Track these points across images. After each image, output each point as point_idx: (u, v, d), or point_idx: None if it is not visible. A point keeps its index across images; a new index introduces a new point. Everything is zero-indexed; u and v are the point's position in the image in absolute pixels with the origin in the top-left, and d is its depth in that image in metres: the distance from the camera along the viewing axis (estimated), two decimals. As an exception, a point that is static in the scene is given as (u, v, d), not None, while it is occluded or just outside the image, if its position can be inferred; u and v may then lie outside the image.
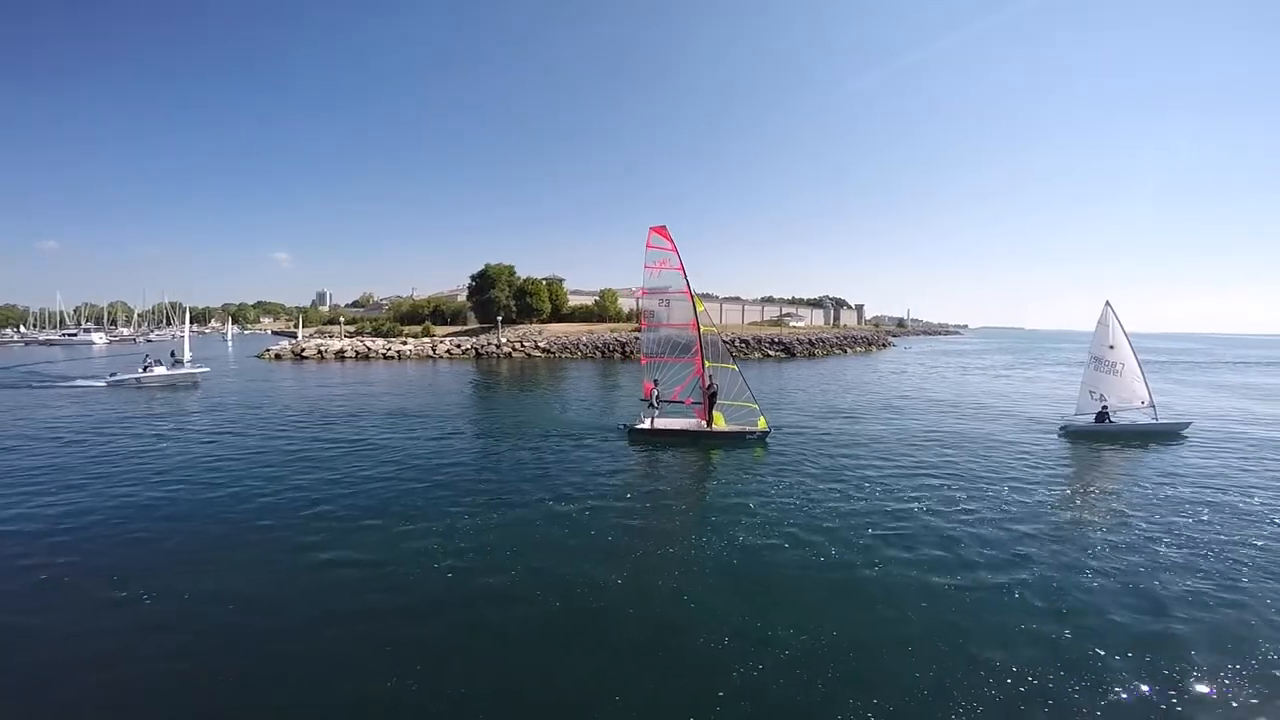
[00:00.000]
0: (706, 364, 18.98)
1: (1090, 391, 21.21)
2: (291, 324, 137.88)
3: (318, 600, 8.54)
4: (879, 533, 11.17)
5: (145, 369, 34.36)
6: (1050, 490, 14.10)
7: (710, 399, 18.83)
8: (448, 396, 30.80)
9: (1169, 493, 13.83)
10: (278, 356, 55.25)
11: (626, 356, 61.00)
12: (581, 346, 62.59)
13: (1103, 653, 7.30)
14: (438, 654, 7.23)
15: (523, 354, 59.92)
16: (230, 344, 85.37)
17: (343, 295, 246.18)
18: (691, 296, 19.09)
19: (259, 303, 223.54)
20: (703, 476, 15.46)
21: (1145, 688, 6.68)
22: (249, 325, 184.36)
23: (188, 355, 37.37)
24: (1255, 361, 69.16)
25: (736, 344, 64.79)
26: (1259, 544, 10.71)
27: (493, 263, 76.22)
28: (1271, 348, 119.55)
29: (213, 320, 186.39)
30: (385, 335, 71.87)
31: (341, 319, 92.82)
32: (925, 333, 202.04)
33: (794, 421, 22.63)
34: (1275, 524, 11.79)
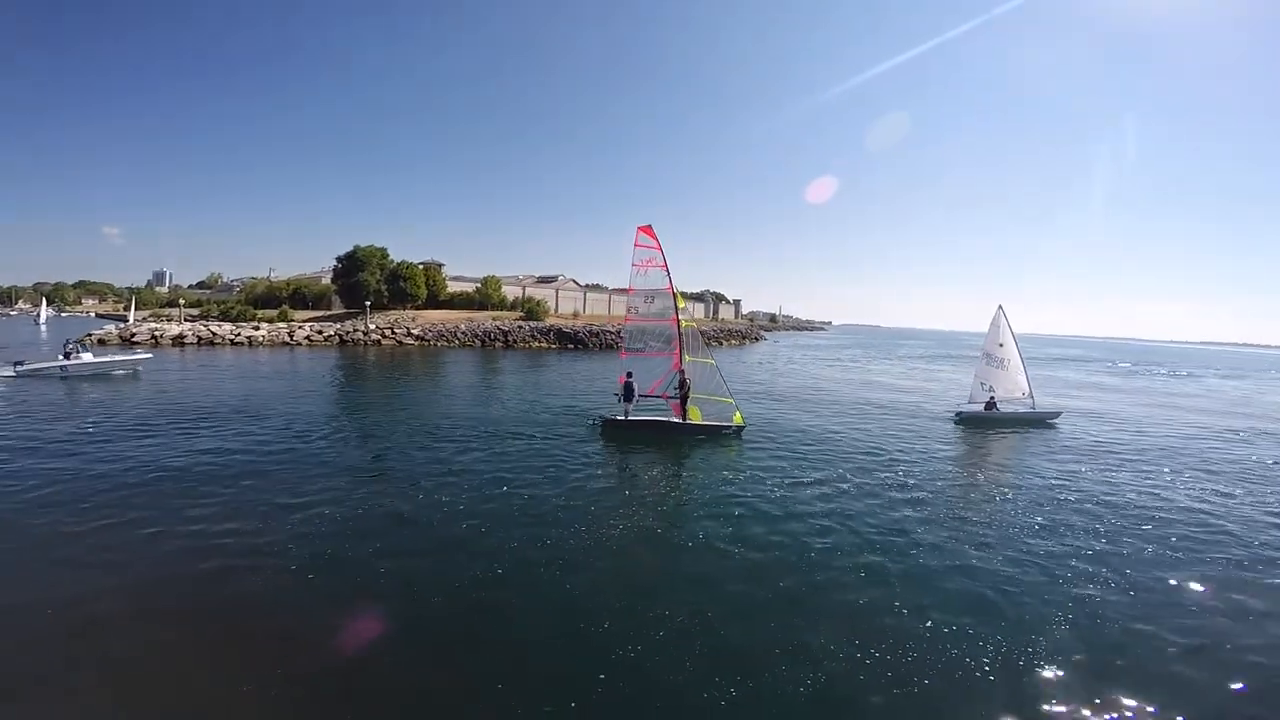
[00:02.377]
0: (686, 358, 18.93)
1: (981, 383, 23.97)
2: (122, 306, 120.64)
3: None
4: (780, 513, 11.70)
5: (68, 355, 28.92)
6: (948, 467, 16.19)
7: (684, 393, 18.79)
8: (315, 386, 28.16)
9: (1043, 468, 16.31)
10: (101, 342, 47.88)
11: (509, 345, 59.49)
12: (460, 334, 60.00)
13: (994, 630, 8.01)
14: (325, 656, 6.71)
15: (393, 341, 56.35)
16: (43, 327, 73.48)
17: (186, 275, 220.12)
18: (674, 293, 19.12)
19: (81, 282, 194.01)
20: (622, 466, 15.18)
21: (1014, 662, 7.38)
22: (68, 307, 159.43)
23: None
24: (1065, 359, 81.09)
25: (623, 334, 64.86)
26: (1112, 508, 12.93)
27: (363, 244, 71.02)
28: (1070, 346, 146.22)
29: (20, 300, 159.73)
30: (235, 319, 64.71)
31: (182, 301, 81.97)
32: (795, 328, 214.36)
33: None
34: (1117, 493, 14.15)
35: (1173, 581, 9.34)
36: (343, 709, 6.05)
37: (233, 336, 51.58)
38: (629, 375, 18.96)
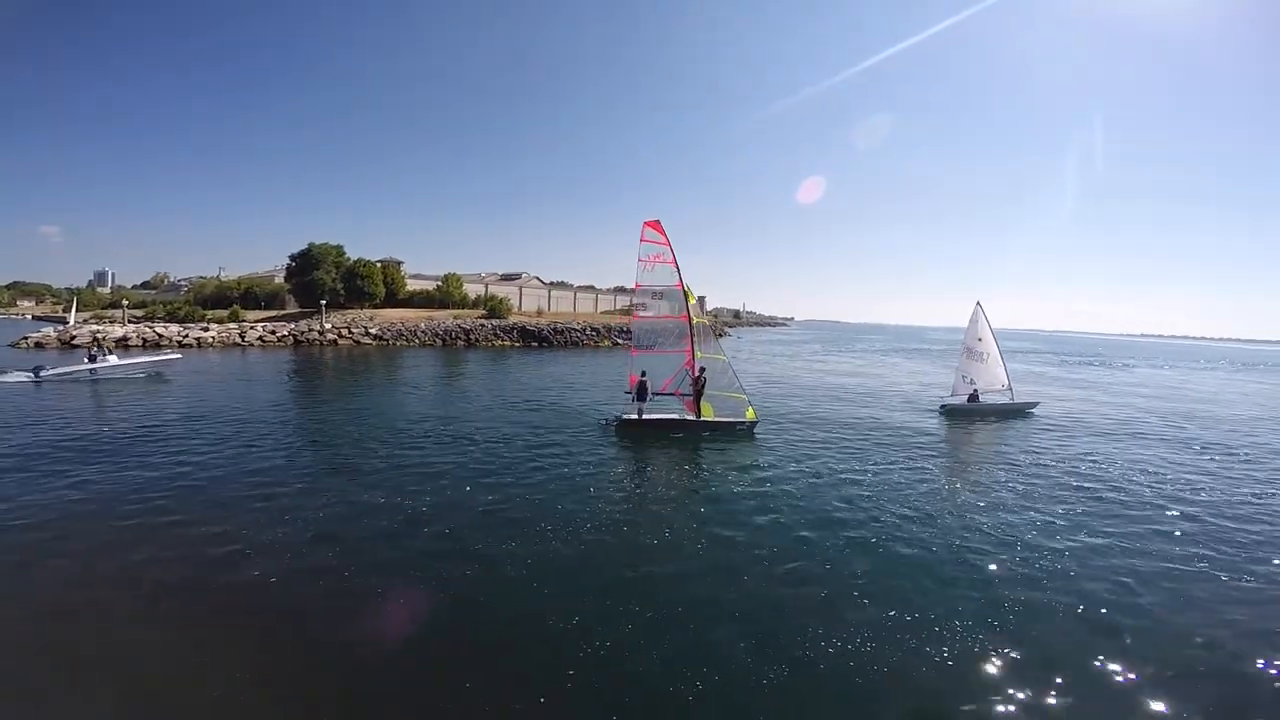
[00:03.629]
0: (698, 355, 18.76)
1: (963, 376, 25.02)
2: (61, 308, 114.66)
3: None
4: (780, 507, 12.02)
5: (93, 358, 28.38)
6: (939, 459, 17.01)
7: (698, 390, 18.61)
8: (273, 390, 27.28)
9: (1025, 454, 17.53)
10: (39, 345, 45.69)
11: (471, 344, 58.79)
12: (420, 334, 59.04)
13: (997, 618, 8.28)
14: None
15: (350, 341, 55.18)
16: (-26, 331, 69.52)
17: (130, 276, 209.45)
18: (684, 289, 18.83)
19: (15, 283, 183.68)
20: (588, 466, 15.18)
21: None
22: (1, 309, 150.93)
23: None
24: (1015, 351, 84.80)
25: (588, 332, 65.03)
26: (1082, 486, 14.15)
27: (318, 241, 69.12)
28: (1019, 339, 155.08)
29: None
30: (182, 320, 62.29)
31: (125, 302, 78.48)
32: (758, 324, 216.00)
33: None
34: (1089, 471, 15.67)
35: (1143, 560, 9.94)
36: (308, 707, 6.12)
37: (180, 338, 49.72)
38: (642, 374, 18.68)
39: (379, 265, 73.60)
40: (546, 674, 6.55)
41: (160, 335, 49.75)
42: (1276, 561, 10.07)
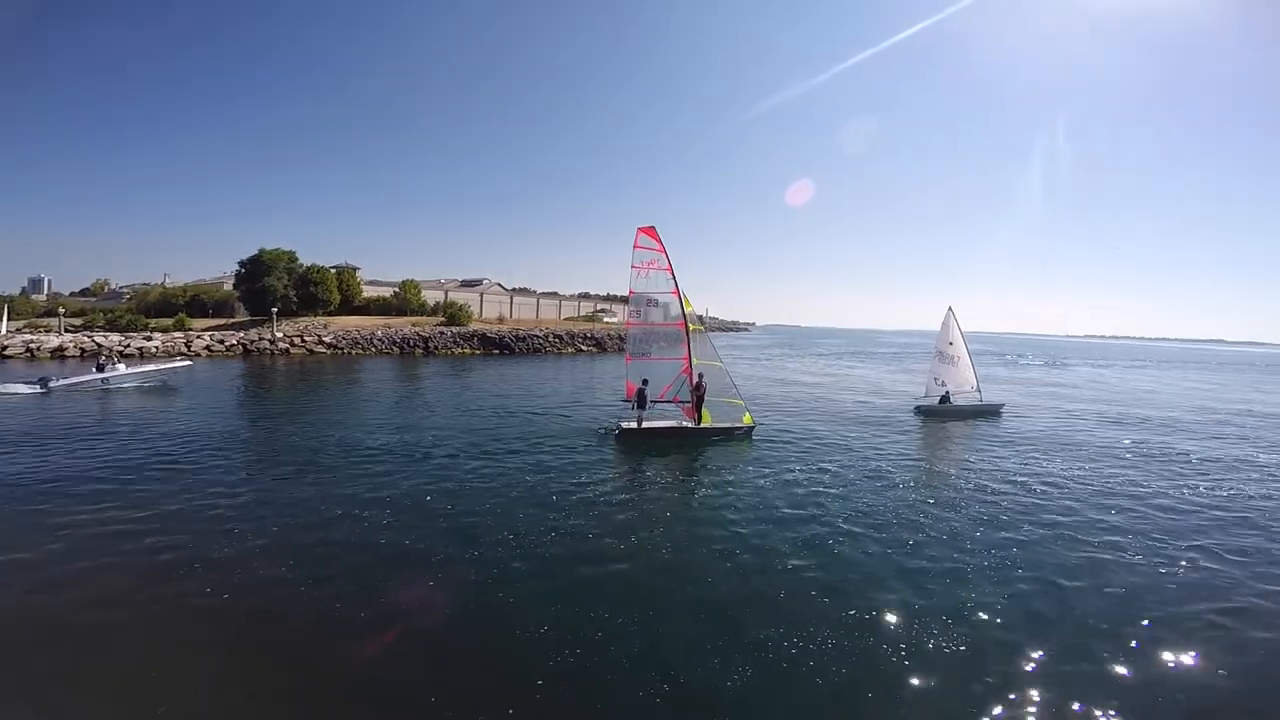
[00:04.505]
0: (695, 361, 18.66)
1: (935, 379, 25.85)
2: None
3: None
4: (775, 511, 12.22)
5: (102, 368, 27.55)
6: (915, 458, 17.63)
7: (699, 397, 18.57)
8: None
9: (993, 451, 18.47)
10: (-35, 357, 43.20)
11: (430, 352, 57.88)
12: (377, 342, 57.69)
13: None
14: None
15: (303, 350, 53.58)
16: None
17: (68, 282, 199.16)
18: (680, 295, 18.71)
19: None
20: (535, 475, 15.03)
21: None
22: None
23: None
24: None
25: (551, 338, 64.73)
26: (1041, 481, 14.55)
27: (270, 247, 67.03)
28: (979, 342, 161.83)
29: None
30: (124, 329, 59.51)
31: (62, 310, 74.52)
32: (720, 329, 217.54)
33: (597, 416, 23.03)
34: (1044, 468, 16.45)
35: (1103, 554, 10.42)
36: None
37: (121, 348, 47.50)
38: (643, 383, 18.53)
39: (333, 271, 71.89)
40: (514, 686, 6.49)
41: (100, 345, 47.44)
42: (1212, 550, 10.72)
